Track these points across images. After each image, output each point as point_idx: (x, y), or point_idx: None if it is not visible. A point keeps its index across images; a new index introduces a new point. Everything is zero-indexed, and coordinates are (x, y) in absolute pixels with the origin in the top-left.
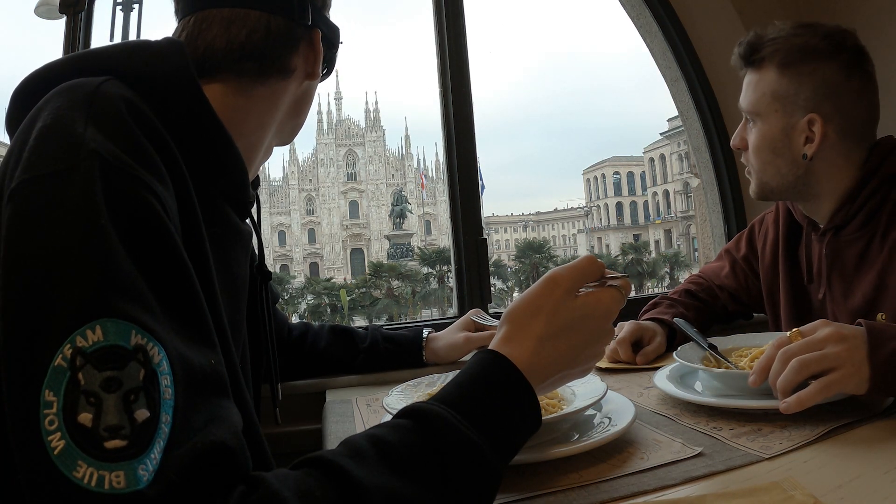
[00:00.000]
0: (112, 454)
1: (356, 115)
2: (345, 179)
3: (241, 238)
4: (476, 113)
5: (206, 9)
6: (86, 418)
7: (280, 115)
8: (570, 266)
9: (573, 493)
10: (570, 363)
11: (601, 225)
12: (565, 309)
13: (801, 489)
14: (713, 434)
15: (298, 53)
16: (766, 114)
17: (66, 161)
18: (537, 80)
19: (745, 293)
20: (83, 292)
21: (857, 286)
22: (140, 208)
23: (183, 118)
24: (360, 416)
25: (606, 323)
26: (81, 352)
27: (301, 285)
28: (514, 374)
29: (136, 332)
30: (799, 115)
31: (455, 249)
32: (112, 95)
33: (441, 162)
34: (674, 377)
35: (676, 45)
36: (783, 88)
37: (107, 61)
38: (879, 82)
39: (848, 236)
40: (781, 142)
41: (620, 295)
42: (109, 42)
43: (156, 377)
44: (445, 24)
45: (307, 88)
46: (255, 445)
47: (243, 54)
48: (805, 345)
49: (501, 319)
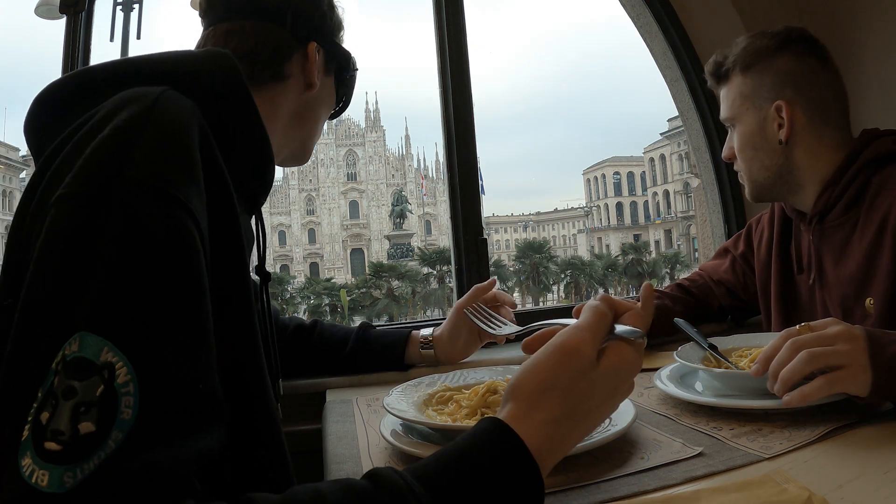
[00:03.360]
0: (46, 454)
1: (356, 115)
2: (345, 179)
3: (249, 242)
4: (476, 112)
5: (214, 24)
6: (45, 417)
7: (282, 122)
8: (583, 328)
9: (573, 493)
10: (590, 429)
11: (601, 225)
12: (586, 381)
13: (794, 482)
14: (713, 434)
15: (293, 62)
16: (739, 115)
17: (106, 188)
18: (537, 79)
19: (743, 289)
20: (79, 306)
21: (844, 271)
22: (169, 232)
23: (232, 124)
24: (361, 416)
25: (630, 378)
26: (64, 359)
27: (301, 285)
28: (521, 459)
29: (109, 349)
30: (767, 106)
31: (455, 249)
32: (172, 107)
33: (441, 162)
34: (674, 377)
35: (676, 45)
36: (748, 88)
37: (158, 69)
38: (880, 82)
39: (832, 222)
40: (759, 136)
41: (642, 344)
42: (110, 42)
43: (114, 396)
44: (445, 23)
45: (310, 102)
46: (275, 445)
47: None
48: (816, 338)
49: (506, 392)
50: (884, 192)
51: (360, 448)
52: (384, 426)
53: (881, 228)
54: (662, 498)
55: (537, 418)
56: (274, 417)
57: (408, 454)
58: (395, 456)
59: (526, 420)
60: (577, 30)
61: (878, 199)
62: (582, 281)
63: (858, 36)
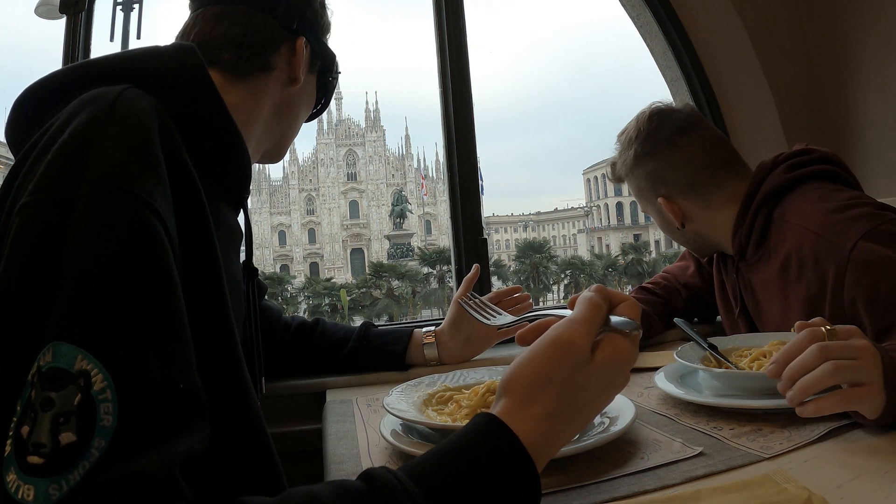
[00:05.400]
0: (29, 468)
1: (356, 115)
2: (345, 179)
3: (233, 237)
4: (476, 112)
5: (205, 6)
6: (25, 430)
7: (263, 115)
8: (578, 321)
9: (573, 493)
10: (585, 423)
11: (601, 225)
12: (581, 374)
13: (793, 482)
14: (713, 434)
15: (280, 54)
16: (644, 207)
17: (69, 191)
18: (537, 79)
19: (707, 293)
20: (49, 316)
21: (766, 306)
22: (135, 232)
23: (199, 119)
24: (361, 416)
25: (626, 370)
26: (39, 370)
27: (301, 285)
28: (516, 455)
29: (83, 356)
30: (655, 201)
31: (455, 249)
32: (132, 106)
33: (441, 162)
34: (674, 377)
35: (676, 45)
36: (635, 189)
37: (119, 68)
38: (880, 82)
39: (750, 261)
40: (663, 223)
41: (637, 336)
42: (110, 42)
43: (92, 404)
44: (446, 23)
45: (292, 98)
46: (259, 443)
47: (224, 42)
48: (844, 348)
49: (499, 387)
50: (784, 224)
51: (360, 448)
52: (384, 426)
53: (787, 261)
54: (662, 498)
55: (532, 413)
56: (258, 416)
57: (408, 454)
58: (395, 456)
59: (520, 415)
60: (578, 30)
61: (781, 231)
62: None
63: (858, 36)
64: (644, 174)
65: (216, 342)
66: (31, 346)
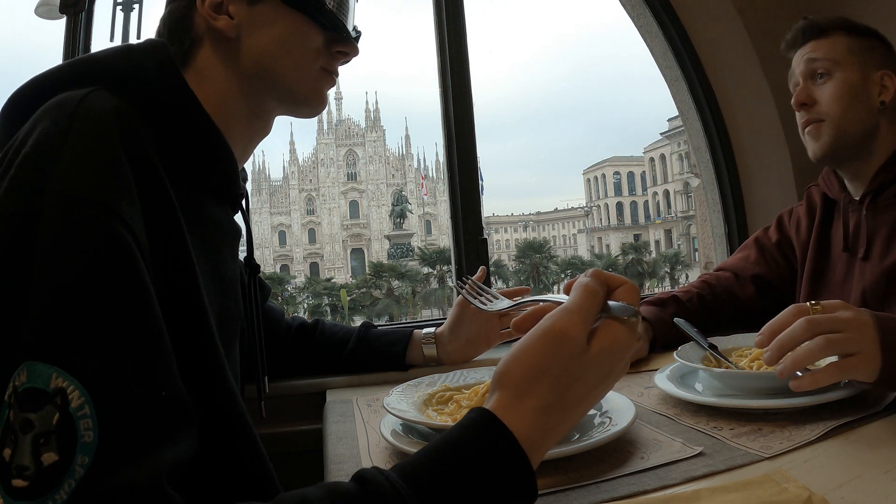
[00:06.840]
0: (15, 491)
1: (356, 115)
2: (345, 179)
3: (226, 237)
4: (476, 112)
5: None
6: (7, 453)
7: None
8: (572, 310)
9: (573, 493)
10: (582, 415)
11: (601, 225)
12: (576, 366)
13: (793, 481)
14: (713, 434)
15: (195, 21)
16: (846, 64)
17: (32, 204)
18: (537, 79)
19: (778, 278)
20: (21, 335)
21: (892, 249)
22: (102, 243)
23: (171, 117)
24: (361, 416)
25: (624, 359)
26: (15, 391)
27: (301, 285)
28: (510, 450)
29: (58, 374)
30: (872, 69)
31: (455, 249)
32: (94, 111)
33: (441, 162)
34: (674, 377)
35: (676, 45)
36: (857, 48)
37: (92, 70)
38: None
39: (886, 202)
40: (861, 89)
41: (635, 323)
42: (110, 42)
43: (71, 421)
44: (446, 23)
45: (245, 42)
46: (248, 447)
47: (163, 26)
48: (832, 321)
49: (493, 381)
50: None
51: (360, 448)
52: (384, 426)
53: None
54: (662, 498)
55: (526, 407)
56: (244, 419)
57: (408, 454)
58: (395, 456)
59: (514, 409)
60: (578, 30)
61: None
62: None
63: None
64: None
65: (197, 346)
66: (5, 367)
